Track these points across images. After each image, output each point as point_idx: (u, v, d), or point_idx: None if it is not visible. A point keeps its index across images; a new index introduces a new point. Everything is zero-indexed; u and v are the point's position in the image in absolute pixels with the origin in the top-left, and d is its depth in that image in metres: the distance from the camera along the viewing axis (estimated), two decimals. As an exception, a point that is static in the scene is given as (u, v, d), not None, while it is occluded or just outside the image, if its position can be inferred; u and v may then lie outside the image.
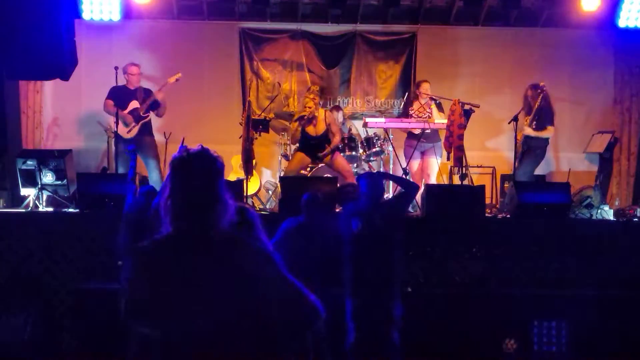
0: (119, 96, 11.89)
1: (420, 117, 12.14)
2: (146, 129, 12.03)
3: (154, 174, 11.91)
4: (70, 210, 10.37)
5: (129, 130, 11.87)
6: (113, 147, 12.05)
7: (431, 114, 12.12)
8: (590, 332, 9.05)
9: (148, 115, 12.02)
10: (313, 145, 11.90)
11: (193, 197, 3.58)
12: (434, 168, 12.11)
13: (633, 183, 14.00)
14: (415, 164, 12.15)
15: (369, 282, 7.49)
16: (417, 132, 12.04)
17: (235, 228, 3.76)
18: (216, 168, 3.67)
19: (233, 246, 3.60)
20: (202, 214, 3.58)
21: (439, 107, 12.22)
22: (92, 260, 9.42)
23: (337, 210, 10.15)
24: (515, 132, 11.55)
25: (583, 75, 14.43)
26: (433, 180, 12.14)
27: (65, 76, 11.24)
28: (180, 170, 3.65)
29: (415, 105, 12.26)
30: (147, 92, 12.11)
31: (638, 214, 11.37)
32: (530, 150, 11.81)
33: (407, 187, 8.13)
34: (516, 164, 11.67)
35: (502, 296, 9.33)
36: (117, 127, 11.56)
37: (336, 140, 11.92)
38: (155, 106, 12.07)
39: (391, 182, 11.56)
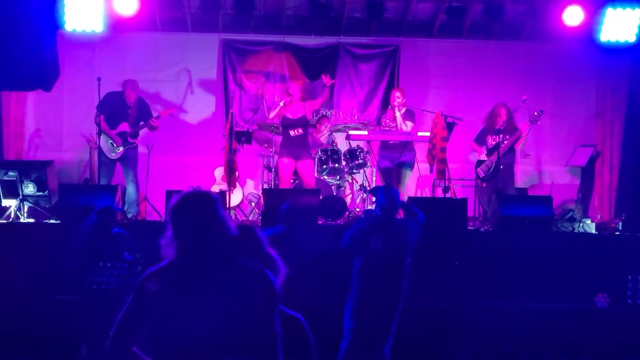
0: (111, 110, 11.90)
1: (390, 127, 12.16)
2: (132, 147, 12.09)
3: (131, 187, 11.92)
4: (52, 221, 10.31)
5: (115, 153, 11.91)
6: (96, 159, 12.02)
7: (396, 121, 12.11)
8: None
9: (135, 142, 12.06)
10: (293, 138, 11.99)
11: (197, 233, 3.91)
12: (405, 180, 12.14)
13: (615, 196, 14.05)
14: (390, 175, 12.16)
15: (378, 299, 7.42)
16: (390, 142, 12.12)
17: (241, 248, 4.09)
18: (213, 205, 3.98)
19: (235, 272, 3.91)
20: (205, 247, 3.90)
21: (408, 115, 12.19)
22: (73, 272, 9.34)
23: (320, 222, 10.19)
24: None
25: (565, 88, 14.50)
26: (408, 191, 12.15)
27: (46, 87, 11.21)
28: (182, 213, 3.96)
29: (389, 114, 12.27)
30: (143, 112, 12.15)
31: (620, 228, 11.41)
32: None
33: (418, 214, 7.96)
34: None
35: (483, 310, 9.32)
36: (99, 142, 11.58)
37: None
38: (149, 128, 12.20)
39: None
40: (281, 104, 11.96)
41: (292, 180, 12.10)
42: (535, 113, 11.77)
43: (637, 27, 12.41)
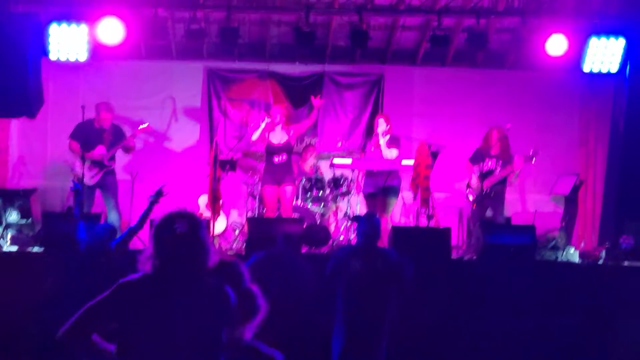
0: (85, 137, 11.85)
1: (374, 153, 12.16)
2: (109, 171, 12.04)
3: (113, 215, 11.88)
4: (35, 249, 10.26)
5: (92, 177, 11.87)
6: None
7: (379, 148, 12.13)
8: None
9: (112, 165, 12.02)
10: (276, 165, 11.93)
11: (177, 251, 4.00)
12: (390, 207, 12.12)
13: (599, 225, 14.07)
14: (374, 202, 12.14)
15: (360, 324, 7.47)
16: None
17: (220, 278, 4.22)
18: (197, 224, 4.08)
19: (199, 288, 4.03)
20: (184, 264, 4.01)
21: (393, 142, 12.17)
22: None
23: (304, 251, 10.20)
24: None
25: (549, 117, 14.54)
26: (392, 220, 12.14)
27: (31, 114, 11.23)
28: (163, 230, 4.05)
29: (374, 140, 12.28)
30: (118, 136, 12.12)
31: (603, 256, 11.43)
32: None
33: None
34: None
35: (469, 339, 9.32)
36: (83, 170, 11.54)
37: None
38: (125, 149, 12.15)
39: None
40: (262, 124, 11.90)
41: (278, 207, 12.08)
42: (531, 152, 11.83)
43: (621, 57, 12.51)
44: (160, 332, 3.91)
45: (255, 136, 11.97)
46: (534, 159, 11.90)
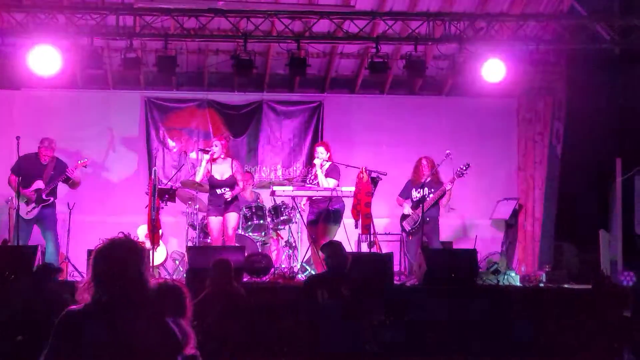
0: (26, 170, 11.69)
1: (313, 183, 12.12)
2: (47, 204, 11.87)
3: (50, 247, 11.70)
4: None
5: (29, 211, 11.71)
6: (14, 219, 11.78)
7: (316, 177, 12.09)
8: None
9: (50, 199, 11.85)
10: (219, 196, 11.79)
11: (116, 275, 3.88)
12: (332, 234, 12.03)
13: (538, 248, 14.18)
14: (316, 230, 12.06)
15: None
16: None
17: (161, 303, 4.25)
18: (136, 250, 3.98)
19: (142, 321, 3.90)
20: (122, 289, 3.88)
21: (332, 171, 12.11)
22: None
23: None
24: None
25: (488, 142, 14.63)
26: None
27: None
28: (107, 253, 3.94)
29: (314, 170, 12.23)
30: (59, 169, 11.98)
31: (544, 279, 11.50)
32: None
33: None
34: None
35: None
36: (18, 203, 11.36)
37: (239, 187, 11.92)
38: (66, 182, 11.98)
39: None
40: (204, 162, 11.82)
41: (222, 239, 11.95)
42: (462, 166, 11.85)
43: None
44: None
45: (199, 177, 11.90)
46: (465, 173, 11.90)
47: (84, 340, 3.78)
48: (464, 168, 11.86)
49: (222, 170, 11.89)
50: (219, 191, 11.81)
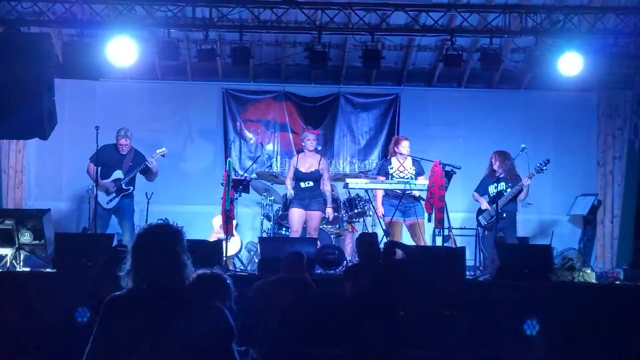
0: (105, 160, 11.91)
1: (401, 177, 12.02)
2: (126, 194, 12.06)
3: (127, 237, 11.87)
4: (48, 270, 10.22)
5: (109, 201, 11.92)
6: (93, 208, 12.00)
7: (413, 175, 12.01)
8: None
9: (130, 189, 12.04)
10: (304, 189, 11.94)
11: (154, 262, 3.96)
12: (419, 228, 11.96)
13: (617, 246, 13.93)
14: (397, 224, 11.99)
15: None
16: (398, 191, 11.93)
17: (207, 294, 4.34)
18: (174, 237, 4.04)
19: (189, 307, 3.95)
20: (160, 276, 3.94)
21: (418, 169, 12.14)
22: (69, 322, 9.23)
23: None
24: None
25: (566, 137, 14.44)
26: (422, 241, 11.95)
27: (44, 136, 11.22)
28: (145, 240, 4.03)
29: (395, 163, 12.15)
30: (137, 160, 12.17)
31: (621, 277, 11.29)
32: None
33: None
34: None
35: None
36: (96, 192, 11.56)
37: (327, 188, 12.03)
38: (144, 172, 12.14)
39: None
40: (292, 166, 12.10)
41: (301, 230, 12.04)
42: (541, 162, 11.71)
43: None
44: (150, 348, 3.82)
45: (288, 180, 12.16)
46: (544, 169, 11.75)
47: (126, 325, 3.83)
48: (544, 164, 11.72)
49: (310, 163, 12.02)
50: (302, 184, 11.91)
